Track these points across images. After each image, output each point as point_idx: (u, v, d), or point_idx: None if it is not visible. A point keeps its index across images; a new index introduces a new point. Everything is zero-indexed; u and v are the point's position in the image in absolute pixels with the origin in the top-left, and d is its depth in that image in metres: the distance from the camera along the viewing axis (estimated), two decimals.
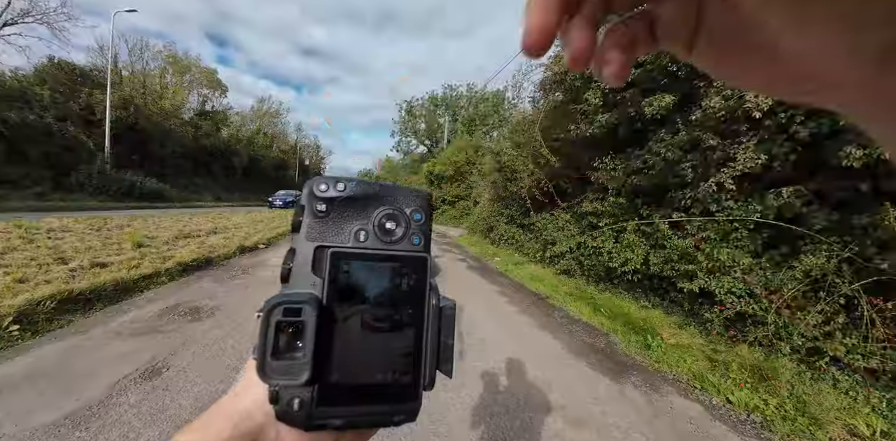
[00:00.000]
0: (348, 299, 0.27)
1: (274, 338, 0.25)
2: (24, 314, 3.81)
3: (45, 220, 8.01)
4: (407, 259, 0.28)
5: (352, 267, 0.27)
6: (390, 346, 0.28)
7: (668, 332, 4.70)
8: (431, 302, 0.29)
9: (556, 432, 2.57)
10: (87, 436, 2.21)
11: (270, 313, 0.25)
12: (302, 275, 0.27)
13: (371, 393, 0.27)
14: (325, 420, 0.26)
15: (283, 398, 0.26)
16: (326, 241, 0.27)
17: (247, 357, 0.29)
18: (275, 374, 0.24)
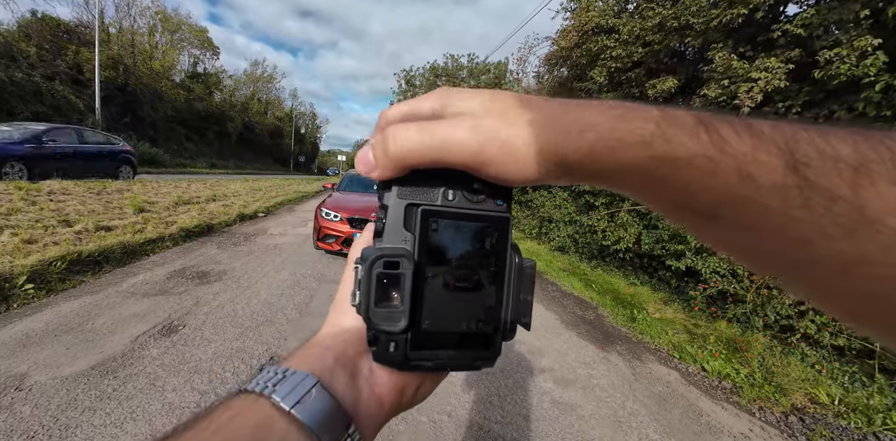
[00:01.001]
0: (437, 254, 0.28)
1: (376, 287, 0.26)
2: (38, 273, 3.93)
3: (44, 183, 7.96)
4: (491, 218, 0.29)
5: (440, 224, 0.28)
6: (474, 300, 0.29)
7: (654, 308, 4.97)
8: (514, 260, 0.30)
9: (545, 390, 2.82)
10: (116, 383, 2.40)
11: (372, 265, 0.26)
12: (394, 230, 0.28)
13: (457, 340, 0.29)
14: (418, 362, 0.29)
15: (380, 341, 0.28)
16: (417, 199, 0.28)
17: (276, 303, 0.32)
18: (377, 320, 0.26)
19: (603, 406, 2.74)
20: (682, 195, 0.22)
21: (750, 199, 0.20)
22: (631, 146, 0.22)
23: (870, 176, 0.18)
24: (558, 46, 7.42)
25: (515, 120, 0.24)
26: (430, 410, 2.43)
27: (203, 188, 12.48)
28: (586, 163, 0.23)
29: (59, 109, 19.00)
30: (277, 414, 0.25)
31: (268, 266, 5.18)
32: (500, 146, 0.23)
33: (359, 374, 0.30)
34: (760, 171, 0.20)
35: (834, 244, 0.19)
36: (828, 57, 3.56)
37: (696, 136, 0.21)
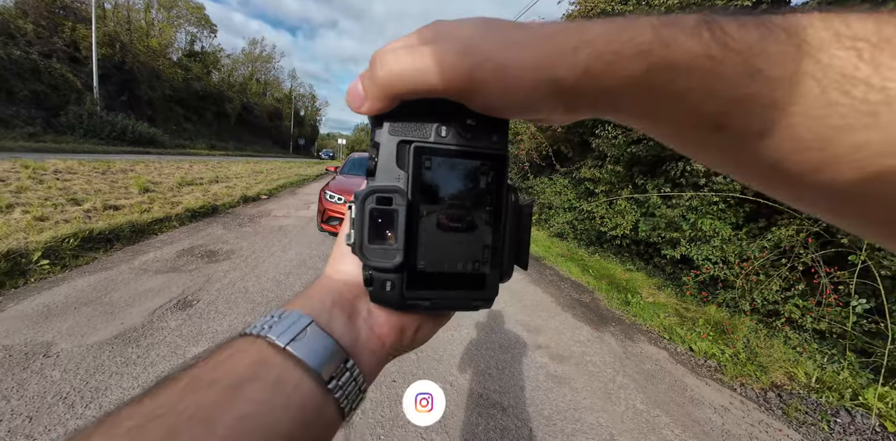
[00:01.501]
0: (431, 193, 0.28)
1: (369, 223, 0.26)
2: (52, 250, 4.06)
3: (49, 162, 8.02)
4: (487, 155, 0.28)
5: (434, 162, 0.27)
6: (470, 239, 0.29)
7: (648, 292, 5.15)
8: (510, 199, 0.30)
9: (541, 364, 3.00)
10: (139, 351, 2.56)
11: (365, 201, 0.26)
12: (387, 168, 0.27)
13: (454, 280, 0.29)
14: (414, 301, 0.29)
15: (376, 281, 0.28)
16: (409, 135, 0.27)
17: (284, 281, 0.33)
18: (372, 256, 0.26)
19: (594, 380, 2.92)
20: (683, 106, 0.21)
21: (760, 98, 0.19)
22: (628, 58, 0.20)
23: (893, 52, 0.16)
24: None
25: (510, 41, 0.22)
26: (433, 378, 2.59)
27: (205, 169, 12.52)
28: (582, 83, 0.21)
29: (56, 88, 18.79)
30: (273, 351, 0.25)
31: (274, 246, 5.32)
32: (493, 69, 0.22)
33: (357, 316, 0.31)
34: (769, 63, 0.18)
35: (856, 135, 0.17)
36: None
37: (696, 35, 0.19)
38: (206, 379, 0.23)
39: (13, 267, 3.60)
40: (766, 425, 2.72)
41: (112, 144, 19.48)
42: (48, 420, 1.95)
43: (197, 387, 0.22)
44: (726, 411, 2.81)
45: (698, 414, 2.70)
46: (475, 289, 0.30)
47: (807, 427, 2.80)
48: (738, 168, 0.24)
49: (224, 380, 0.23)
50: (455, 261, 0.29)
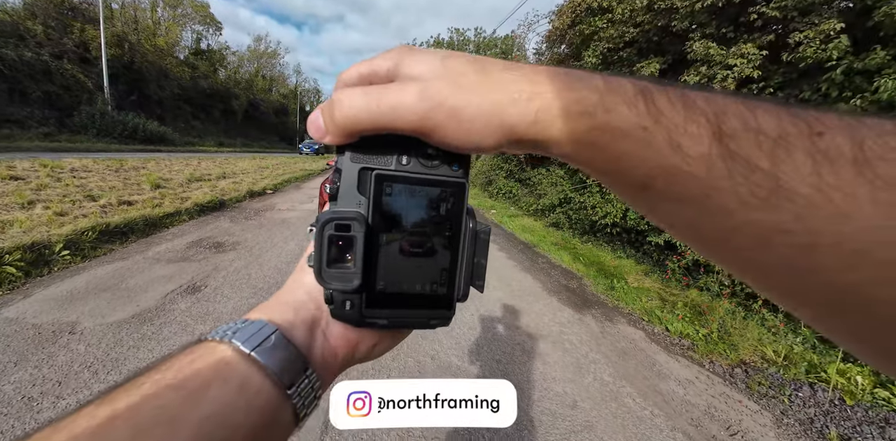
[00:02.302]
0: (391, 218, 0.29)
1: (328, 249, 0.27)
2: (72, 242, 4.39)
3: (66, 160, 8.42)
4: (447, 183, 0.30)
5: (394, 189, 0.29)
6: (429, 263, 0.30)
7: (634, 278, 5.34)
8: (468, 225, 0.31)
9: (519, 342, 3.24)
10: (153, 328, 2.86)
11: (324, 228, 0.27)
12: (348, 194, 0.29)
13: (412, 300, 0.31)
14: (373, 319, 0.30)
15: (336, 300, 0.29)
16: (371, 163, 0.28)
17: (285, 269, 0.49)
18: (330, 280, 0.27)
19: (567, 355, 3.15)
20: (619, 165, 0.23)
21: (679, 170, 0.21)
22: (574, 116, 0.23)
23: (787, 148, 0.19)
24: (554, 27, 7.46)
25: (464, 86, 0.24)
26: (416, 353, 2.86)
27: (213, 166, 12.89)
28: (532, 131, 0.24)
29: (69, 89, 19.31)
30: (238, 356, 0.26)
31: (277, 238, 5.62)
32: (447, 113, 0.24)
33: (317, 327, 0.32)
34: (689, 141, 0.21)
35: (752, 213, 0.20)
36: (798, 39, 3.71)
37: (634, 105, 0.22)
38: (171, 382, 0.23)
39: (38, 257, 3.93)
40: (726, 397, 2.93)
41: (124, 143, 20.02)
42: (75, 384, 2.25)
43: (161, 389, 0.23)
44: (690, 384, 3.02)
45: (662, 386, 2.92)
46: (433, 308, 0.32)
47: (767, 399, 3.00)
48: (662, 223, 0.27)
49: (189, 382, 0.23)
50: (414, 282, 0.30)
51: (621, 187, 0.26)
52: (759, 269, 0.22)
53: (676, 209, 0.23)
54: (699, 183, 0.21)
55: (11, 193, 5.52)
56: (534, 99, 0.23)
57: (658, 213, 0.26)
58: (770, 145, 0.19)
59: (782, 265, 0.20)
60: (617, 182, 0.26)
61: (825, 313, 0.22)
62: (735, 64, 4.05)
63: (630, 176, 0.24)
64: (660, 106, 0.22)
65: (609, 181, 0.27)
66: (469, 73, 0.25)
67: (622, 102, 0.23)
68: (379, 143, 0.28)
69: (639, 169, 0.23)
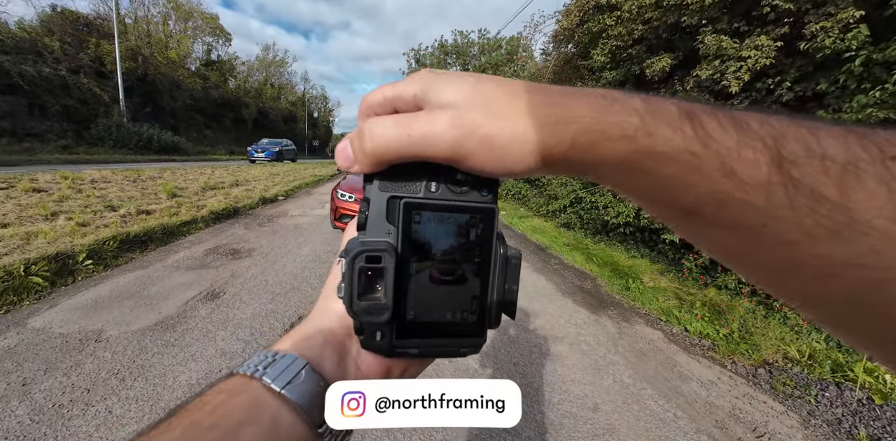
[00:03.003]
0: (421, 246, 0.29)
1: (359, 282, 0.27)
2: (94, 251, 4.51)
3: (86, 172, 8.66)
4: (476, 209, 0.30)
5: (423, 217, 0.28)
6: (459, 290, 0.30)
7: (650, 278, 5.27)
8: (499, 251, 0.31)
9: (536, 344, 3.23)
10: (176, 335, 2.92)
11: (354, 260, 0.27)
12: (377, 223, 0.28)
13: (442, 329, 0.30)
14: (404, 349, 0.30)
15: (366, 331, 0.29)
16: (399, 191, 0.28)
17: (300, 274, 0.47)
18: (361, 313, 0.27)
19: (585, 357, 3.13)
20: (663, 190, 0.22)
21: (732, 197, 0.20)
22: (614, 140, 0.22)
23: (858, 175, 0.18)
24: (561, 26, 7.44)
25: (497, 112, 0.24)
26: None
27: (226, 174, 13.13)
28: (569, 156, 0.23)
29: (86, 102, 19.88)
30: (269, 394, 0.26)
31: (291, 244, 5.69)
32: (480, 140, 0.24)
33: (347, 355, 0.32)
34: (744, 167, 0.19)
35: (819, 246, 0.18)
36: (814, 30, 3.63)
37: (679, 129, 0.21)
38: (206, 423, 0.23)
39: (62, 267, 4.05)
40: (750, 398, 2.87)
41: (140, 153, 20.50)
42: (103, 391, 2.30)
43: (198, 431, 0.23)
44: (713, 385, 2.97)
45: (684, 388, 2.88)
46: (463, 336, 0.31)
47: (793, 400, 2.93)
48: (709, 250, 0.25)
49: (223, 423, 0.24)
50: (444, 311, 0.30)
51: (666, 213, 0.25)
52: (820, 303, 0.21)
53: (727, 237, 0.22)
54: (756, 212, 0.20)
55: (35, 205, 5.70)
56: (570, 123, 0.23)
57: (705, 240, 0.25)
58: (838, 172, 0.18)
59: (849, 299, 0.19)
60: (661, 208, 0.25)
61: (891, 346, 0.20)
62: (749, 56, 3.99)
63: (676, 202, 0.22)
64: (709, 129, 0.21)
65: (652, 206, 0.26)
66: (501, 98, 0.24)
67: (666, 125, 0.21)
68: (407, 171, 0.28)
69: (686, 195, 0.22)
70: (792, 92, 4.11)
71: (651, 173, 0.22)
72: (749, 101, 4.49)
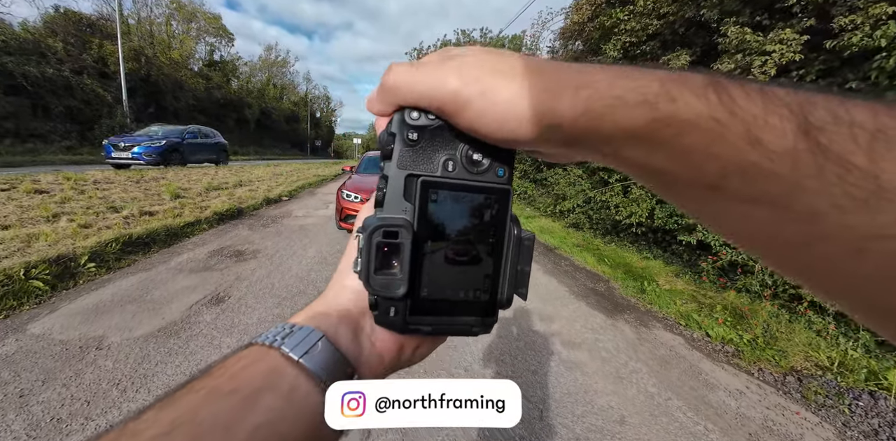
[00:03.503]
0: (436, 225, 0.29)
1: (375, 256, 0.27)
2: (97, 254, 4.40)
3: (89, 173, 8.58)
4: (492, 190, 0.30)
5: (440, 195, 0.29)
6: (472, 270, 0.30)
7: (665, 280, 5.13)
8: (513, 232, 0.31)
9: (553, 351, 3.09)
10: (180, 342, 2.80)
11: (372, 235, 0.27)
12: (394, 200, 0.29)
13: (455, 307, 0.30)
14: (417, 326, 0.30)
15: (381, 306, 0.29)
16: (417, 169, 0.28)
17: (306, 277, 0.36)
18: (377, 287, 0.27)
19: (606, 365, 2.99)
20: (684, 162, 0.21)
21: (758, 167, 0.19)
22: (632, 106, 0.21)
23: (887, 142, 0.17)
24: (571, 21, 7.29)
25: (504, 71, 0.24)
26: (449, 364, 2.74)
27: (229, 174, 13.04)
28: (581, 123, 0.22)
29: (89, 103, 19.87)
30: (287, 363, 0.26)
31: (296, 245, 5.57)
32: (481, 90, 0.23)
33: (361, 332, 0.32)
34: (771, 135, 0.19)
35: (846, 217, 0.17)
36: (842, 24, 3.47)
37: (703, 96, 0.20)
38: (226, 388, 0.24)
39: (64, 270, 3.94)
40: (782, 408, 2.73)
41: None
42: (104, 403, 2.19)
43: (217, 396, 0.23)
44: (741, 395, 2.83)
45: (712, 397, 2.74)
46: (475, 315, 0.32)
47: (826, 410, 2.79)
48: (730, 230, 0.24)
49: (242, 389, 0.24)
50: (457, 289, 0.30)
51: (686, 190, 0.23)
52: (849, 282, 0.19)
53: (751, 212, 0.21)
54: (782, 182, 0.18)
55: (37, 207, 5.60)
56: (584, 87, 0.21)
57: (727, 219, 0.23)
58: (867, 139, 0.17)
59: (878, 276, 0.18)
60: (680, 183, 0.23)
61: None
62: (773, 50, 3.82)
63: (698, 175, 0.21)
64: (734, 96, 0.20)
65: (670, 184, 0.24)
66: (514, 59, 0.24)
67: (689, 92, 0.20)
68: (426, 148, 0.28)
69: (709, 167, 0.20)
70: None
71: (671, 143, 0.21)
72: None
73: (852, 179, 0.17)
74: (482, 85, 0.24)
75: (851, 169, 0.17)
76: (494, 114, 0.24)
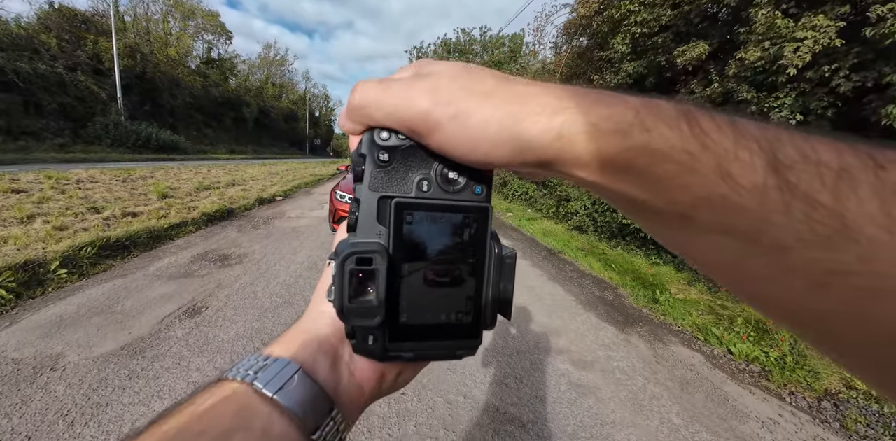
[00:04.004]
0: (413, 247, 0.28)
1: (349, 284, 0.26)
2: (70, 259, 4.09)
3: (72, 171, 8.26)
4: (470, 208, 0.28)
5: (415, 217, 0.27)
6: (454, 291, 0.29)
7: (677, 288, 4.82)
8: (493, 251, 0.29)
9: (563, 372, 2.78)
10: (144, 363, 2.49)
11: (344, 263, 0.25)
12: (368, 224, 0.27)
13: (437, 331, 0.29)
14: (398, 353, 0.29)
15: (359, 334, 0.28)
16: (390, 190, 0.27)
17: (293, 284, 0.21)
18: (352, 316, 0.26)
19: (622, 389, 2.68)
20: (656, 192, 0.21)
21: (727, 199, 0.19)
22: (606, 134, 0.21)
23: (851, 182, 0.17)
24: (577, 15, 6.96)
25: (478, 92, 0.23)
26: (446, 391, 2.43)
27: (223, 173, 12.73)
28: (555, 148, 0.21)
29: (83, 100, 19.53)
30: (260, 400, 0.25)
31: (285, 249, 5.26)
32: (452, 114, 0.23)
33: (340, 360, 0.30)
34: (741, 169, 0.19)
35: (811, 252, 0.18)
36: (880, 12, 3.16)
37: (676, 127, 0.20)
38: (194, 429, 0.23)
39: (31, 277, 3.63)
40: None
41: (138, 152, 20.17)
42: (46, 440, 1.88)
43: (187, 437, 0.22)
44: (776, 425, 2.52)
45: (745, 429, 2.43)
46: (459, 338, 0.30)
47: None
48: (699, 260, 0.24)
49: (211, 430, 0.23)
50: (438, 312, 0.29)
51: (657, 218, 0.23)
52: (813, 316, 0.20)
53: (720, 243, 0.21)
54: (751, 215, 0.19)
55: (11, 207, 5.29)
56: (559, 113, 0.21)
57: (697, 249, 0.23)
58: (832, 178, 0.18)
59: (840, 312, 0.18)
60: (652, 212, 0.23)
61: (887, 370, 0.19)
62: (805, 37, 3.50)
63: (669, 204, 0.21)
64: (706, 129, 0.20)
65: (642, 211, 0.24)
66: (488, 80, 0.24)
67: (662, 123, 0.20)
68: (398, 170, 0.27)
69: (680, 197, 0.21)
70: (850, 82, 3.62)
71: (643, 173, 0.21)
72: (796, 93, 3.99)
73: (818, 217, 0.18)
74: (454, 107, 0.23)
75: (817, 207, 0.18)
76: (466, 137, 0.23)
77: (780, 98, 4.02)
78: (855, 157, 0.18)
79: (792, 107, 3.95)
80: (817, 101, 3.88)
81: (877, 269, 0.17)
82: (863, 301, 0.17)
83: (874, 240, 0.17)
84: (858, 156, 0.18)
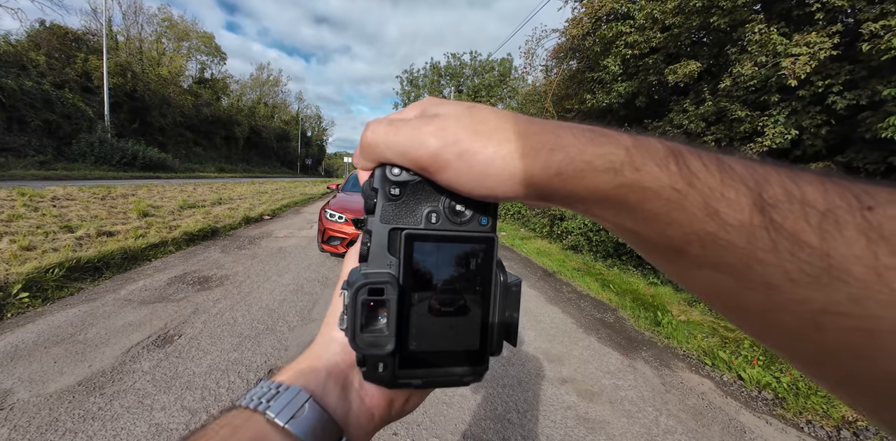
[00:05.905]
0: (422, 277, 0.28)
1: (361, 314, 0.26)
2: (34, 281, 3.79)
3: (48, 189, 7.92)
4: (476, 239, 0.29)
5: (425, 248, 0.28)
6: (461, 319, 0.30)
7: (678, 309, 4.68)
8: (499, 279, 0.30)
9: (569, 405, 2.57)
10: (102, 401, 2.21)
11: (357, 293, 0.26)
12: (379, 255, 0.28)
13: (445, 358, 0.30)
14: (407, 380, 0.29)
15: (369, 362, 0.28)
16: (400, 223, 0.28)
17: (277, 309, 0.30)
18: (364, 345, 0.26)
19: (634, 423, 2.47)
20: (649, 226, 0.22)
21: (715, 236, 0.20)
22: (600, 171, 0.21)
23: (837, 222, 0.17)
24: (569, 36, 7.11)
25: (482, 132, 0.24)
26: (443, 429, 2.19)
27: (209, 192, 12.44)
28: (555, 183, 0.22)
29: (69, 117, 19.24)
30: (272, 429, 0.25)
31: (271, 270, 5.00)
32: (459, 154, 0.23)
33: (350, 387, 0.31)
34: (727, 208, 0.19)
35: (801, 291, 0.18)
36: (873, 29, 3.23)
37: (665, 166, 0.21)
38: None
39: None
40: None
41: (123, 170, 19.76)
42: None
43: None
44: None
45: None
46: (466, 365, 0.31)
47: None
48: (697, 290, 0.24)
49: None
50: (446, 340, 0.30)
51: (652, 250, 0.24)
52: (810, 353, 0.20)
53: (713, 277, 0.21)
54: (739, 252, 0.19)
55: None
56: (556, 151, 0.22)
57: (693, 280, 0.23)
58: (818, 219, 0.18)
59: (837, 350, 0.18)
60: (648, 244, 0.24)
61: (886, 405, 0.19)
62: (800, 52, 3.56)
63: (662, 238, 0.22)
64: (693, 168, 0.21)
65: (639, 242, 0.25)
66: (490, 119, 0.25)
67: (652, 162, 0.21)
68: (408, 203, 0.28)
69: (672, 232, 0.21)
70: (845, 100, 3.66)
71: (636, 209, 0.22)
72: (789, 111, 4.03)
73: (804, 256, 0.18)
74: (460, 147, 0.24)
75: (804, 246, 0.18)
76: (472, 174, 0.24)
77: (773, 116, 4.05)
78: (840, 197, 0.18)
79: (785, 124, 3.97)
80: (810, 118, 3.91)
81: (870, 311, 0.16)
82: (858, 340, 0.17)
83: (863, 281, 0.16)
84: (844, 196, 0.18)
